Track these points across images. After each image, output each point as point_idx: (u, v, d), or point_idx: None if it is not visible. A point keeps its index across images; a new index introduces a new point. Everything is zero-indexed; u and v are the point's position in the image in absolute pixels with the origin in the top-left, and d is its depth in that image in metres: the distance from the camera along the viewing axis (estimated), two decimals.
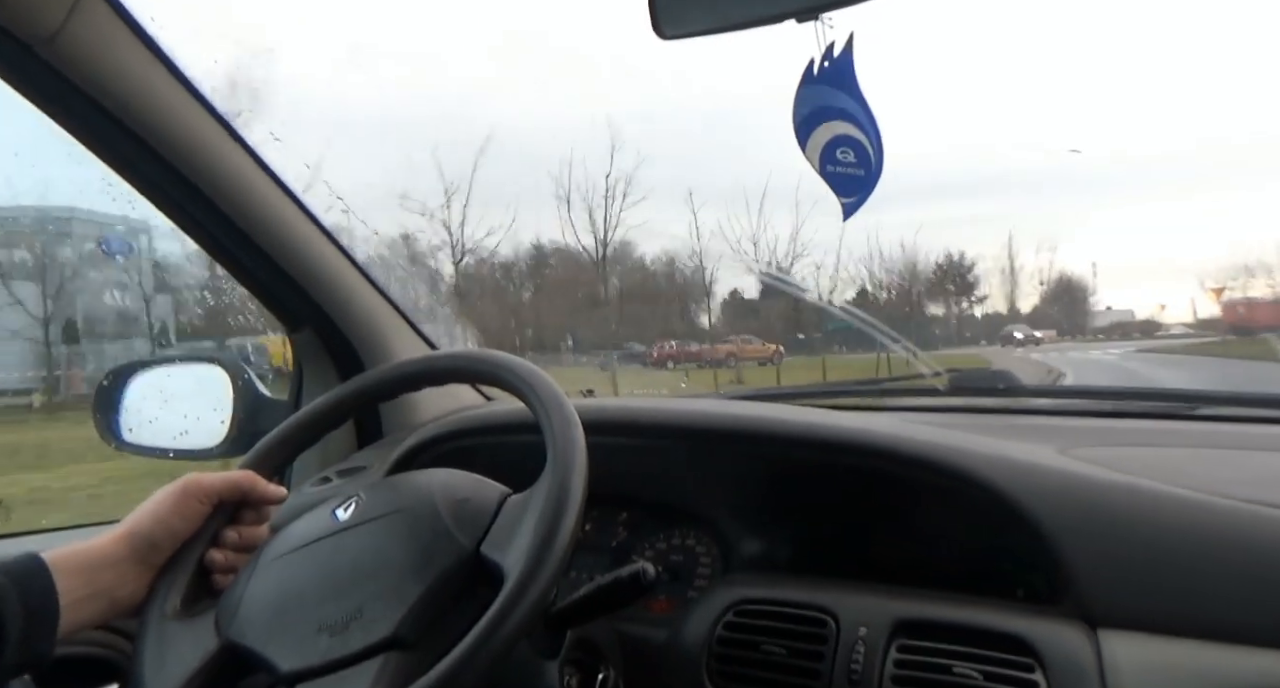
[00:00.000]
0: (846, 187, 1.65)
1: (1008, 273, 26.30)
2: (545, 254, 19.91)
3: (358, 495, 0.78)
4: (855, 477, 0.98)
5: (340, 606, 0.69)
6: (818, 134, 1.65)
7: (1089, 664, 0.75)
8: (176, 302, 10.17)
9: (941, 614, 0.84)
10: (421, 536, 0.71)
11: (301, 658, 0.68)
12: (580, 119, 35.22)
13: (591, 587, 0.77)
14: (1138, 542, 0.80)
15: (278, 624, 0.71)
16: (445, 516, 0.72)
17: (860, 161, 1.63)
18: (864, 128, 1.62)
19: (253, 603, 0.74)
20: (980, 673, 0.78)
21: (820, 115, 1.64)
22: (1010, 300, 26.96)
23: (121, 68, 0.95)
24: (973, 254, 28.45)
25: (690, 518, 1.11)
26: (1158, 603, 0.76)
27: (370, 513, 0.76)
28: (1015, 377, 1.27)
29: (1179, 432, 1.16)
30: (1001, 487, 0.86)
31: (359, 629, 0.67)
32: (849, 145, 1.62)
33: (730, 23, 0.93)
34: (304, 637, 0.69)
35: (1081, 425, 1.21)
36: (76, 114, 0.97)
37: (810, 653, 0.86)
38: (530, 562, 0.65)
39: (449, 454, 1.12)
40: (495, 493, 0.75)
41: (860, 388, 1.42)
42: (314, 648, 0.68)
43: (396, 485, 0.80)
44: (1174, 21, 38.59)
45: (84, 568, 0.75)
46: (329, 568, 0.73)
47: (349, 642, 0.67)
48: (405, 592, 0.68)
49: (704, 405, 1.15)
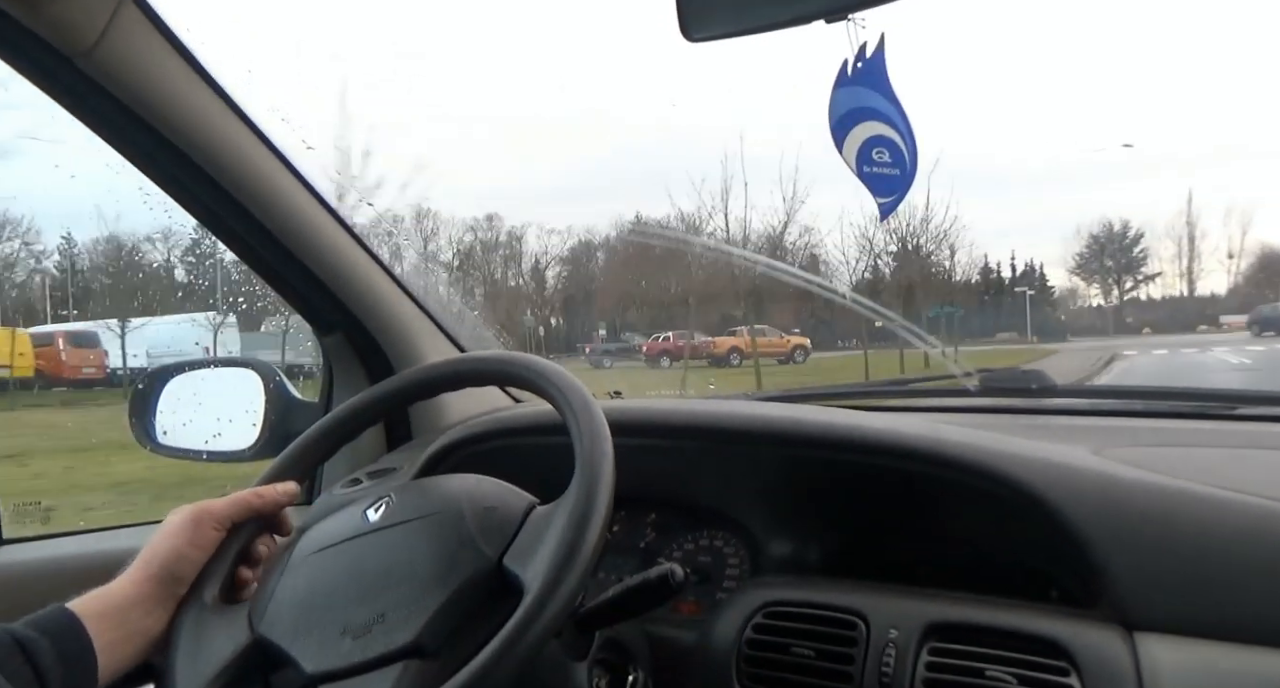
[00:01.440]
0: (883, 186, 1.64)
1: (1184, 245, 22.71)
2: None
3: (389, 497, 0.79)
4: (886, 478, 0.97)
5: (364, 609, 0.70)
6: (854, 135, 1.65)
7: (1126, 669, 0.74)
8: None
9: (974, 617, 0.83)
10: (447, 543, 0.71)
11: (324, 659, 0.69)
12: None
13: (620, 588, 0.77)
14: (1175, 544, 0.78)
15: (304, 623, 0.72)
16: (471, 524, 0.72)
17: (895, 161, 1.61)
18: (898, 127, 1.61)
19: (282, 600, 0.75)
20: (1014, 677, 0.77)
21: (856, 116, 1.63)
22: (1188, 279, 23.73)
23: (157, 78, 0.97)
24: (1138, 223, 25.24)
25: (719, 519, 1.11)
26: (1197, 606, 0.75)
27: (399, 516, 0.76)
28: (1048, 376, 1.25)
29: (1217, 432, 1.14)
30: (1035, 488, 0.85)
31: (381, 634, 0.68)
32: (884, 145, 1.61)
33: (757, 24, 0.93)
34: (328, 638, 0.70)
35: (1117, 425, 1.19)
36: (114, 124, 0.99)
37: (840, 655, 0.85)
38: (549, 578, 0.65)
39: (478, 456, 1.13)
40: (522, 503, 0.75)
41: (890, 388, 1.41)
42: (336, 650, 0.69)
43: (426, 490, 0.80)
44: None
45: (112, 612, 0.74)
46: (356, 570, 0.74)
47: (370, 646, 0.68)
48: (428, 599, 0.68)
49: (733, 406, 1.15)
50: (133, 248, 15.79)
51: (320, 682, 0.68)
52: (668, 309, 20.61)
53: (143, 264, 16.47)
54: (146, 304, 13.82)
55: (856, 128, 1.61)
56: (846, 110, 1.60)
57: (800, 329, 20.90)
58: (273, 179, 1.12)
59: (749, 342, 15.42)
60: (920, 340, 1.55)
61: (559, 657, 0.81)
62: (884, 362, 12.28)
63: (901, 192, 1.67)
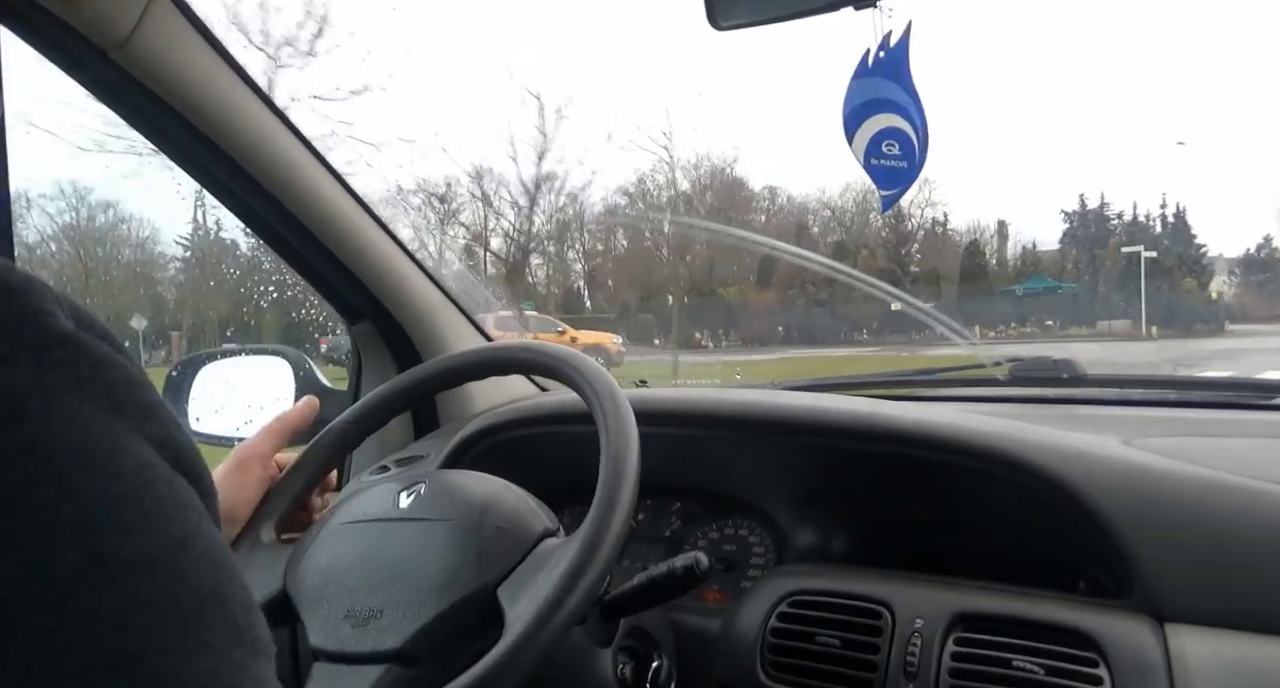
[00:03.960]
0: (888, 179, 1.62)
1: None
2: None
3: (422, 485, 0.79)
4: (913, 468, 0.97)
5: (369, 598, 0.71)
6: (866, 127, 1.63)
7: (1156, 660, 0.73)
8: None
9: (1001, 607, 0.83)
10: (455, 555, 0.71)
11: (324, 637, 0.71)
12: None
13: (645, 576, 0.77)
14: (1207, 534, 0.77)
15: (318, 593, 0.74)
16: (480, 542, 0.72)
17: (904, 154, 1.59)
18: (912, 120, 1.59)
19: (309, 563, 0.76)
20: (1042, 668, 0.77)
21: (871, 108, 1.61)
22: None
23: (190, 70, 0.98)
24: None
25: (744, 508, 1.11)
26: (1228, 597, 0.74)
27: (423, 511, 0.76)
28: (1078, 365, 1.24)
29: (1250, 422, 1.13)
30: (1064, 477, 0.84)
31: (374, 631, 0.69)
32: (895, 138, 1.59)
33: (785, 12, 0.92)
34: (332, 617, 0.72)
35: (1149, 415, 1.18)
36: (147, 116, 1.01)
37: (865, 645, 0.85)
38: (529, 626, 0.64)
39: (504, 444, 1.14)
40: (536, 529, 0.74)
41: (917, 378, 1.40)
42: (335, 633, 0.71)
43: (454, 490, 0.79)
44: None
45: None
46: (373, 554, 0.74)
47: (363, 640, 0.69)
48: (424, 608, 0.69)
49: (758, 396, 1.15)
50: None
51: (318, 657, 0.71)
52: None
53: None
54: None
55: (870, 120, 1.59)
56: (862, 102, 1.58)
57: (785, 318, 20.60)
58: (302, 170, 1.13)
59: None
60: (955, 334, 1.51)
61: (584, 644, 0.81)
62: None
63: (906, 185, 1.64)
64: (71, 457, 0.29)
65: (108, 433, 0.30)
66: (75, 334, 0.31)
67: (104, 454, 0.29)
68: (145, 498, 0.30)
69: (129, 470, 0.30)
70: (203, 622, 0.30)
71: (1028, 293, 19.83)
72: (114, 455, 0.30)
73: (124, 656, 0.28)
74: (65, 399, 0.29)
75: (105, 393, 0.31)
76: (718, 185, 26.75)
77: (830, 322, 21.11)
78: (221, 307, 14.04)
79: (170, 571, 0.30)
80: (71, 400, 0.29)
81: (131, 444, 0.30)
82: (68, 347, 0.31)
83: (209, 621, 0.30)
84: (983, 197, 48.78)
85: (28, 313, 0.30)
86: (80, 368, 0.30)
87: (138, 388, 0.32)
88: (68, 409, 0.29)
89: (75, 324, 0.32)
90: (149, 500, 0.30)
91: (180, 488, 0.32)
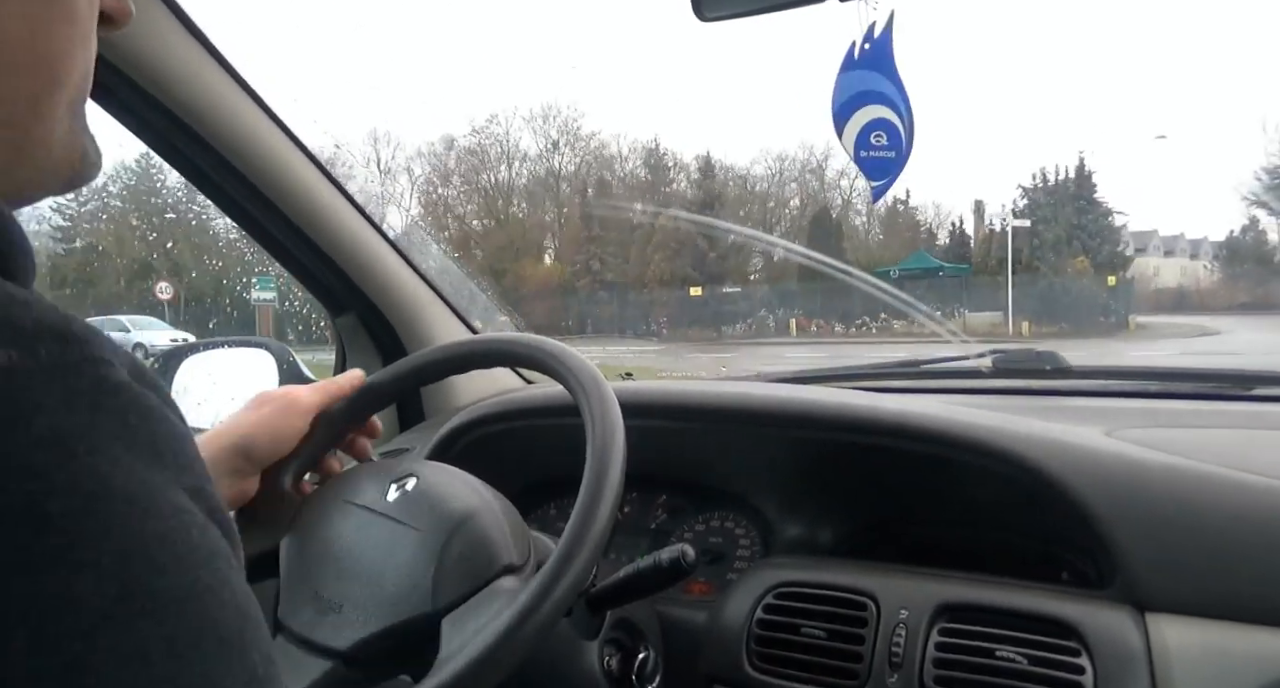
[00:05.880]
0: (878, 170, 1.63)
1: None
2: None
3: (413, 479, 0.77)
4: (897, 460, 0.97)
5: (336, 588, 0.72)
6: (855, 119, 1.63)
7: (1137, 649, 0.74)
8: None
9: (984, 598, 0.83)
10: (414, 572, 0.70)
11: (290, 613, 0.72)
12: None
13: (631, 569, 0.77)
14: (1188, 525, 0.78)
15: (296, 566, 0.75)
16: (440, 565, 0.70)
17: (892, 144, 1.60)
18: (899, 110, 1.60)
19: (297, 530, 0.77)
20: (1025, 657, 0.77)
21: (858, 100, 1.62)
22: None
23: (175, 63, 0.97)
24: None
25: (730, 500, 1.12)
26: (1209, 587, 0.75)
27: (402, 513, 0.74)
28: (1062, 357, 1.25)
29: (1233, 413, 1.14)
30: (1047, 468, 0.85)
31: (331, 625, 0.70)
32: (883, 129, 1.60)
33: (771, 3, 0.92)
34: (300, 596, 0.73)
35: (1131, 407, 1.19)
36: (132, 109, 1.00)
37: (851, 636, 0.85)
38: (460, 673, 0.62)
39: (491, 437, 1.14)
40: (499, 562, 0.70)
41: (902, 370, 1.41)
42: (298, 614, 0.72)
43: (436, 498, 0.75)
44: None
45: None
46: (351, 544, 0.74)
47: (317, 630, 0.70)
48: (375, 617, 0.69)
49: (744, 388, 1.15)
50: None
51: (279, 626, 0.72)
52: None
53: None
54: None
55: (858, 112, 1.60)
56: (850, 95, 1.59)
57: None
58: (288, 164, 1.12)
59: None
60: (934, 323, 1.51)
61: (570, 636, 0.81)
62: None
63: (895, 174, 1.65)
64: (114, 496, 0.30)
65: (149, 478, 0.32)
66: (129, 385, 0.33)
67: (144, 496, 0.31)
68: (179, 541, 0.31)
69: (166, 512, 0.31)
70: (223, 667, 0.31)
71: (905, 274, 16.86)
72: (152, 498, 0.31)
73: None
74: (113, 445, 0.31)
75: (149, 443, 0.33)
76: (574, 141, 26.84)
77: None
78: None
79: (198, 613, 0.31)
80: (118, 446, 0.31)
81: (170, 492, 0.32)
82: (120, 396, 0.33)
83: (230, 666, 0.31)
84: (958, 180, 48.62)
85: (87, 361, 0.33)
86: (129, 417, 0.33)
87: (178, 441, 0.34)
88: (114, 454, 0.31)
89: (130, 374, 0.34)
90: (182, 544, 0.31)
91: (213, 536, 0.33)
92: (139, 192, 16.43)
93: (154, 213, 13.21)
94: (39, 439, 0.30)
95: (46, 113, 0.41)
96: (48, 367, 0.31)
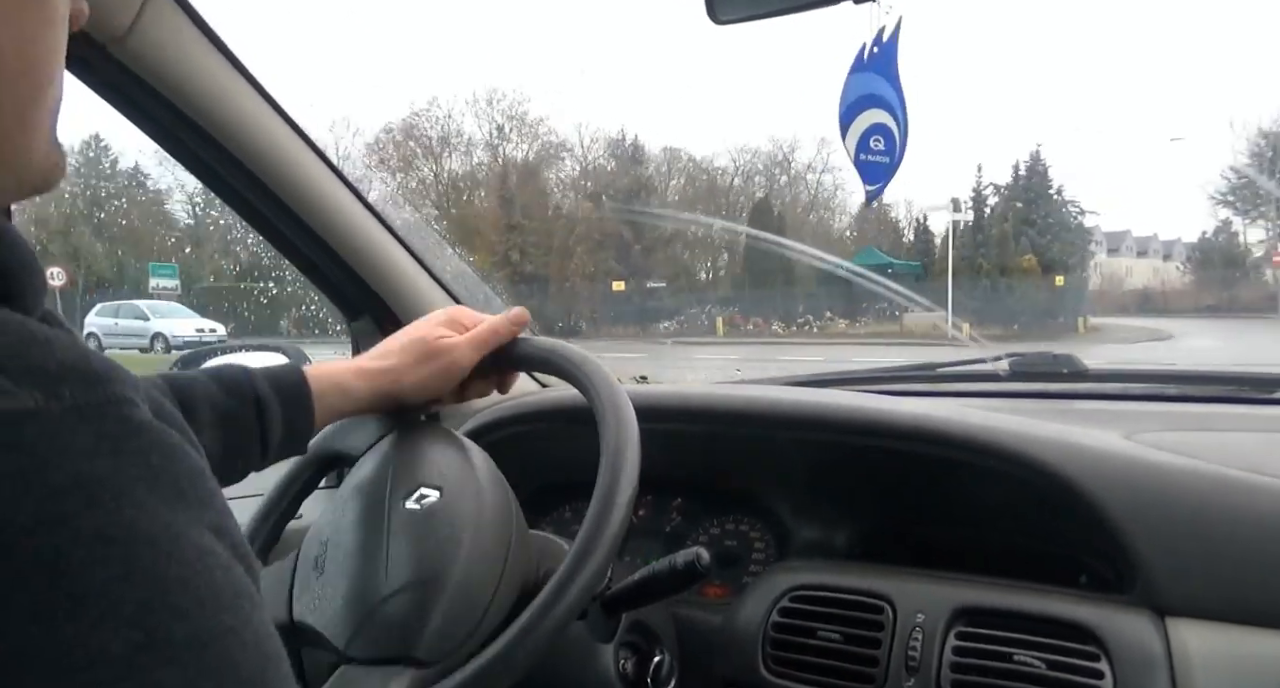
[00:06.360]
0: (874, 174, 1.63)
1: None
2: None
3: (427, 499, 0.73)
4: (914, 463, 0.97)
5: (326, 571, 0.73)
6: (859, 122, 1.63)
7: (1157, 654, 0.73)
8: None
9: (1002, 601, 0.83)
10: (354, 606, 0.68)
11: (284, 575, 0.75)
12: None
13: (646, 572, 0.77)
14: (1208, 528, 0.77)
15: (317, 529, 0.77)
16: (371, 614, 0.67)
17: (888, 150, 1.60)
18: (897, 116, 1.60)
19: (337, 495, 0.79)
20: (1043, 662, 0.77)
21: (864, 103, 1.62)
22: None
23: (189, 64, 0.98)
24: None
25: (745, 504, 1.11)
26: (1229, 591, 0.74)
27: (399, 537, 0.71)
28: (1079, 360, 1.24)
29: (1253, 416, 1.13)
30: (1065, 472, 0.84)
31: (304, 607, 0.72)
32: (881, 133, 1.60)
33: (786, 6, 0.92)
34: (304, 564, 0.75)
35: (1150, 410, 1.18)
36: (146, 111, 1.00)
37: (867, 640, 0.85)
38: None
39: (506, 440, 1.14)
40: (411, 651, 0.65)
41: (919, 373, 1.40)
42: (288, 580, 0.74)
43: (427, 538, 0.70)
44: None
45: (330, 390, 0.79)
46: (349, 535, 0.73)
47: (296, 607, 0.72)
48: (332, 628, 0.69)
49: (760, 392, 1.15)
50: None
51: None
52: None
53: None
54: None
55: (862, 115, 1.60)
56: (857, 97, 1.59)
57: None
58: (303, 166, 1.13)
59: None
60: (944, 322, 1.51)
61: (586, 639, 0.81)
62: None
63: (887, 179, 1.65)
64: (138, 542, 0.30)
65: (172, 521, 0.32)
66: (151, 424, 0.33)
67: (167, 540, 0.31)
68: (202, 584, 0.31)
69: (190, 557, 0.32)
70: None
71: (852, 271, 17.07)
72: (176, 541, 0.31)
73: None
74: (136, 488, 0.31)
75: (172, 482, 0.33)
76: (520, 126, 26.17)
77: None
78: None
79: (219, 655, 0.31)
80: (141, 489, 0.31)
81: (194, 533, 0.32)
82: (143, 436, 0.33)
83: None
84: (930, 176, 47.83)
85: (111, 402, 0.33)
86: (153, 457, 0.33)
87: (199, 477, 0.34)
88: (137, 498, 0.31)
89: (152, 410, 0.34)
90: (205, 587, 0.31)
91: (237, 576, 0.33)
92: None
93: (51, 198, 13.19)
94: (63, 486, 0.30)
95: (33, 122, 0.40)
96: (71, 409, 0.31)
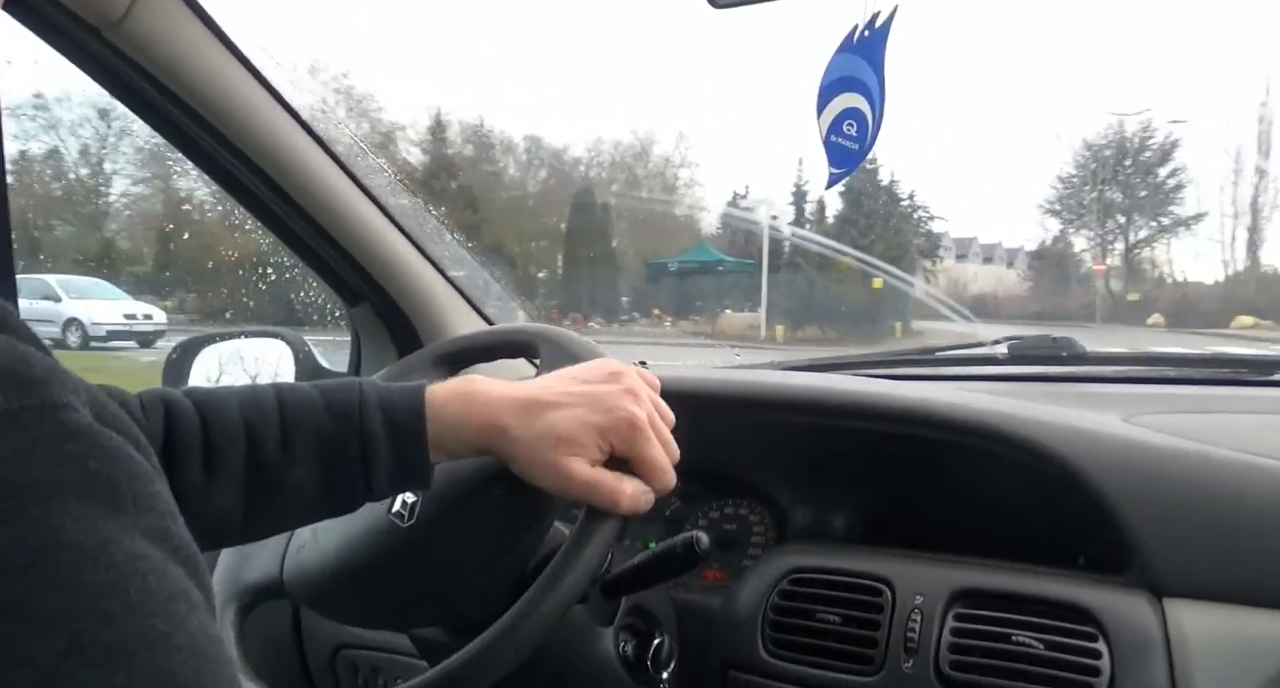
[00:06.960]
0: (840, 158, 1.62)
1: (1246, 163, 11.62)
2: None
3: (416, 507, 0.73)
4: (913, 447, 0.97)
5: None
6: (835, 103, 1.63)
7: (1155, 634, 0.74)
8: None
9: (1000, 583, 0.83)
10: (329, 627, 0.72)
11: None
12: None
13: (645, 555, 0.77)
14: (1206, 509, 0.78)
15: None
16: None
17: (859, 137, 1.59)
18: (874, 105, 1.59)
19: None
20: (1041, 642, 0.77)
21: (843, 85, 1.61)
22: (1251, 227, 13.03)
23: (185, 49, 0.97)
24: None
25: (744, 488, 1.12)
26: (1226, 572, 0.75)
27: (386, 549, 0.73)
28: (1078, 343, 1.24)
29: (1250, 398, 1.13)
30: (1064, 454, 0.84)
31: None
32: (855, 119, 1.59)
33: None
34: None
35: (1148, 392, 1.18)
36: (142, 96, 1.00)
37: (866, 621, 0.85)
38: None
39: None
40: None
41: (918, 358, 1.40)
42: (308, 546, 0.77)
43: (402, 569, 0.72)
44: None
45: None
46: (344, 529, 0.75)
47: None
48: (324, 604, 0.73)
49: (760, 376, 1.15)
50: None
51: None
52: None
53: None
54: None
55: (840, 96, 1.59)
56: (839, 76, 1.58)
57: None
58: (301, 151, 1.13)
59: None
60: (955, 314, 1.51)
61: (586, 622, 0.82)
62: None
63: (853, 167, 1.65)
64: (62, 548, 0.30)
65: (103, 527, 0.31)
66: (89, 427, 0.33)
67: (96, 545, 0.31)
68: (132, 588, 0.31)
69: (119, 561, 0.31)
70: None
71: (683, 268, 15.55)
72: (105, 547, 0.31)
73: None
74: (66, 496, 0.31)
75: (108, 488, 0.32)
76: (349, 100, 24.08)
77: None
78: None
79: (148, 662, 0.30)
80: (71, 497, 0.31)
81: (126, 538, 0.32)
82: (80, 440, 0.32)
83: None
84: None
85: (48, 406, 0.32)
86: (89, 462, 0.32)
87: (141, 481, 0.34)
88: (66, 506, 0.31)
89: (92, 413, 0.33)
90: (135, 591, 0.31)
91: (173, 579, 0.32)
92: None
93: None
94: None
95: None
96: (4, 414, 0.31)
